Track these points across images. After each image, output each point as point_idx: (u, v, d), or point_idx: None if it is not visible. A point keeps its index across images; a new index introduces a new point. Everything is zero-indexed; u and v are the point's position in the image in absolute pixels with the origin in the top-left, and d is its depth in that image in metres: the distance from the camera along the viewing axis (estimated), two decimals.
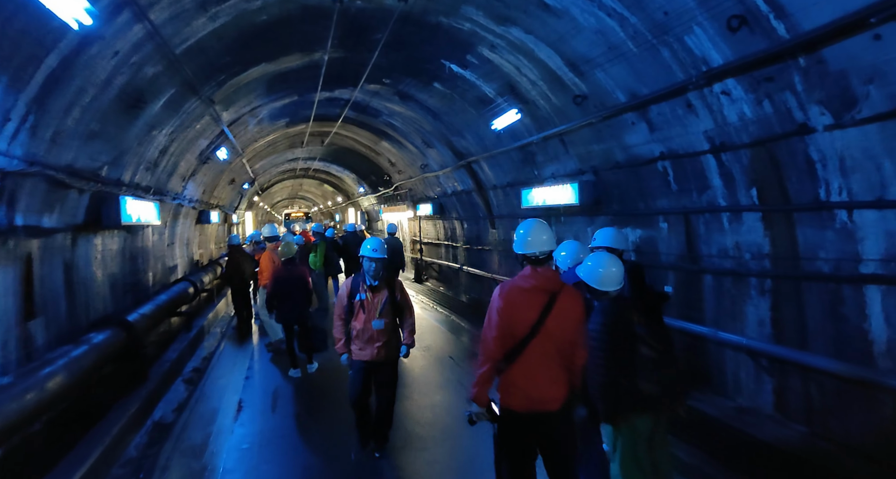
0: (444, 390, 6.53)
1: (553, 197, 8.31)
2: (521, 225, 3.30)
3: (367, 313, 4.68)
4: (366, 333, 4.68)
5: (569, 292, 3.08)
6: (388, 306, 4.73)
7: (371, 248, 4.68)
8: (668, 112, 5.52)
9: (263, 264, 8.56)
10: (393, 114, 12.49)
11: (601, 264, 3.39)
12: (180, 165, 9.70)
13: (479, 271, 12.88)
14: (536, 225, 3.24)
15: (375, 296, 4.73)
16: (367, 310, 4.68)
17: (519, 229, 3.28)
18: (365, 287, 4.72)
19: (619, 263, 3.44)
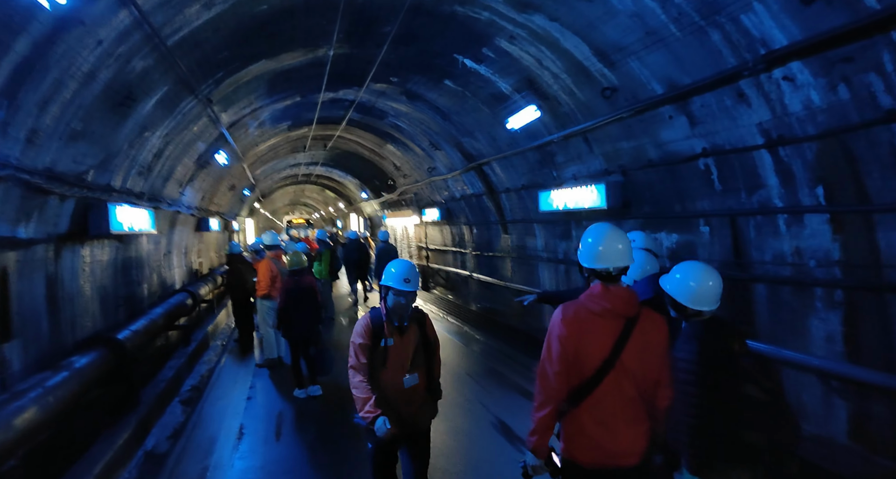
0: (466, 413, 5.94)
1: (575, 200, 7.75)
2: (589, 232, 2.72)
3: (395, 365, 3.38)
4: (395, 392, 3.40)
5: (650, 317, 2.50)
6: (421, 353, 3.49)
7: (401, 276, 3.33)
8: (713, 103, 4.97)
9: (261, 274, 8.01)
10: (399, 115, 11.96)
11: (694, 275, 2.76)
12: (177, 169, 9.16)
13: (491, 278, 12.31)
14: (610, 232, 2.67)
15: (405, 340, 3.42)
16: (396, 361, 3.39)
17: (586, 237, 2.71)
18: (391, 329, 3.40)
19: (717, 275, 2.80)
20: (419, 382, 3.46)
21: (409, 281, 3.34)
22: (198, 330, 9.79)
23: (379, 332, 3.37)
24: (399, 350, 3.39)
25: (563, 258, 9.04)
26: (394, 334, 3.39)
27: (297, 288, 6.57)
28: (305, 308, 6.57)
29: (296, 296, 6.56)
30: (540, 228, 9.79)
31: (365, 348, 3.36)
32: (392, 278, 3.35)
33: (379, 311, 3.44)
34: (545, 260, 9.74)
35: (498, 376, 6.94)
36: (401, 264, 3.43)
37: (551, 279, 9.62)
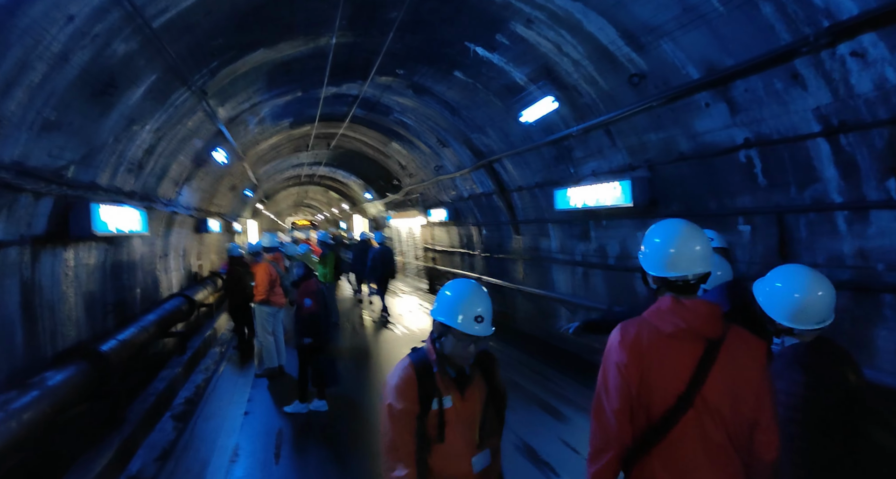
0: None
1: (595, 197, 7.22)
2: (657, 230, 2.14)
3: (457, 439, 2.16)
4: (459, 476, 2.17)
5: (741, 339, 1.92)
6: (492, 416, 2.28)
7: (472, 312, 2.14)
8: (760, 87, 4.44)
9: (259, 278, 7.51)
10: (405, 110, 11.46)
11: (799, 284, 2.17)
12: (171, 167, 8.68)
13: (500, 281, 11.78)
14: (685, 229, 2.08)
15: (469, 398, 2.22)
16: (459, 431, 2.16)
17: (652, 237, 2.13)
18: (447, 382, 2.18)
19: (827, 283, 2.20)
20: (492, 463, 2.27)
21: (483, 320, 2.16)
22: (195, 337, 9.30)
23: (429, 388, 2.12)
24: (462, 415, 2.17)
25: (581, 260, 8.51)
26: (451, 391, 2.17)
27: (317, 292, 6.01)
28: (320, 315, 6.05)
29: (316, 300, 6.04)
30: (555, 228, 9.27)
31: (409, 416, 2.07)
32: (454, 313, 2.13)
33: (424, 354, 2.21)
34: (561, 262, 9.21)
35: (515, 387, 6.42)
36: (468, 290, 2.21)
37: (567, 283, 9.09)
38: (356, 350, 8.74)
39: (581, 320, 4.10)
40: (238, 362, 8.48)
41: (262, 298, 7.53)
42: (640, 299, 7.18)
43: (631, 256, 7.18)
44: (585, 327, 3.98)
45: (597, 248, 8.05)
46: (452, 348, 2.17)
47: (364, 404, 6.18)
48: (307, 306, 5.81)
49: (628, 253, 7.24)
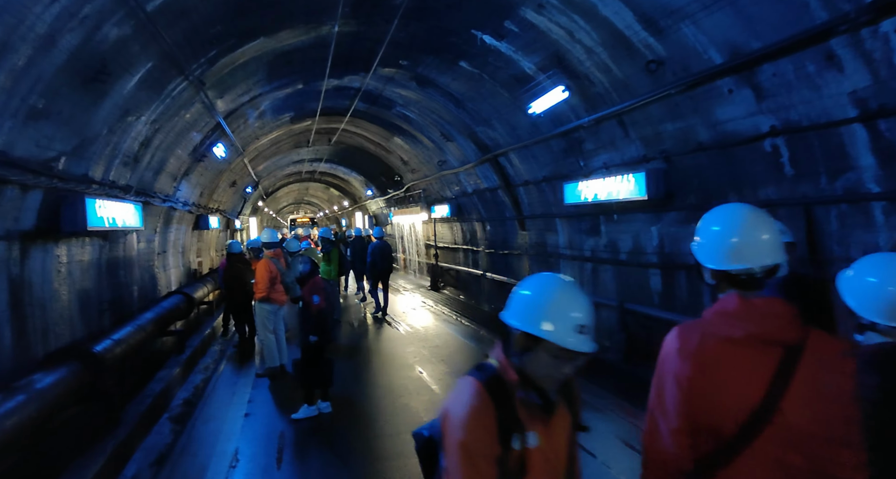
0: None
1: (608, 191, 6.98)
2: (714, 216, 1.82)
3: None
4: None
5: (823, 343, 1.61)
6: (576, 453, 1.75)
7: (574, 319, 1.59)
8: (790, 71, 4.19)
9: (259, 275, 7.26)
10: (409, 103, 11.20)
11: (893, 275, 1.88)
12: (169, 161, 8.43)
13: (505, 278, 11.55)
14: (749, 215, 1.78)
15: (554, 431, 1.64)
16: (543, 475, 1.59)
17: (709, 225, 1.81)
18: (532, 413, 1.60)
19: None
20: None
21: (586, 329, 1.61)
22: (194, 335, 9.07)
23: (509, 420, 1.55)
24: (548, 456, 1.61)
25: (591, 256, 8.27)
26: (535, 424, 1.60)
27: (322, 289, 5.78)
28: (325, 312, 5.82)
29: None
30: (563, 223, 9.02)
31: (489, 460, 1.51)
32: (548, 319, 1.58)
33: (496, 374, 1.64)
34: (569, 258, 8.97)
35: None
36: (563, 290, 1.65)
37: (575, 279, 8.84)
38: (358, 349, 8.50)
39: None
40: (238, 361, 8.25)
41: (262, 295, 7.29)
42: (653, 296, 6.96)
43: (644, 251, 6.94)
44: None
45: (607, 243, 7.81)
46: (544, 367, 1.59)
47: (367, 406, 5.96)
48: (316, 303, 5.57)
49: (641, 248, 7.00)
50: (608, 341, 7.86)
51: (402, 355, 7.94)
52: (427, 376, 6.78)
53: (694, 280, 6.05)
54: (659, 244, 6.65)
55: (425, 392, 6.15)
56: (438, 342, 8.61)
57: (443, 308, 12.05)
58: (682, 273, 6.26)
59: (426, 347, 8.33)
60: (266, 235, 7.99)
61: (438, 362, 7.43)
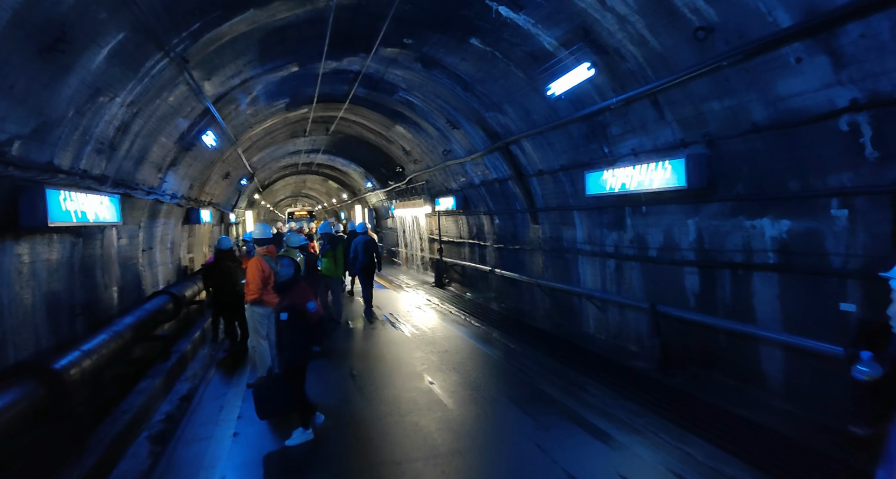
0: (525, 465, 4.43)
1: (638, 180, 6.28)
2: None
3: None
4: None
5: None
6: None
7: None
8: (884, 30, 3.48)
9: (250, 275, 6.56)
10: (412, 87, 10.46)
11: None
12: (152, 150, 7.71)
13: (516, 274, 10.87)
14: None
15: None
16: None
17: None
18: None
19: None
20: None
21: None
22: (182, 339, 8.37)
23: None
24: None
25: (614, 252, 7.58)
26: None
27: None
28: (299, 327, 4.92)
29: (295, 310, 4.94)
30: (582, 216, 8.32)
31: None
32: None
33: None
34: (588, 254, 8.28)
35: (548, 401, 5.50)
36: None
37: (595, 277, 8.17)
38: (360, 354, 7.81)
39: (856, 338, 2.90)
40: (229, 368, 7.56)
41: (253, 297, 6.57)
42: (688, 297, 6.27)
43: (678, 247, 6.25)
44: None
45: (633, 238, 7.12)
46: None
47: (371, 425, 5.27)
48: (313, 311, 4.87)
49: (675, 244, 6.31)
50: (635, 346, 7.18)
51: (408, 361, 7.25)
52: (438, 388, 6.09)
53: (741, 281, 5.37)
54: (697, 239, 5.96)
55: (437, 408, 5.46)
56: (447, 346, 7.92)
57: (449, 307, 11.37)
58: (727, 273, 5.57)
59: (435, 352, 7.64)
60: (258, 231, 7.25)
61: (450, 370, 6.74)
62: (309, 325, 4.87)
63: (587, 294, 8.24)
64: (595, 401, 5.44)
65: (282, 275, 5.05)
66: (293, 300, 4.88)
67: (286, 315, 4.82)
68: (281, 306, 4.94)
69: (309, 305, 4.83)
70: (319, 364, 7.42)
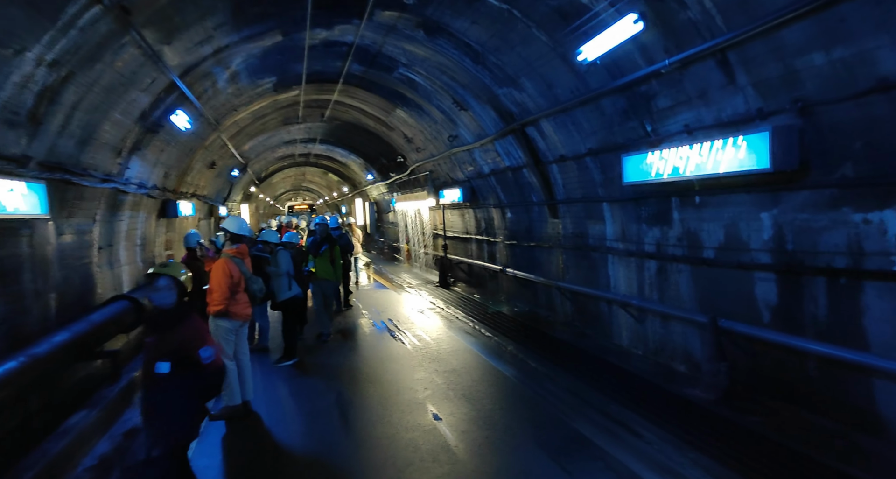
0: None
1: (696, 163, 4.99)
2: None
3: None
4: None
5: None
6: None
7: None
8: None
9: (215, 280, 5.31)
10: (414, 62, 9.15)
11: None
12: (103, 128, 6.44)
13: (531, 275, 9.60)
14: None
15: None
16: None
17: None
18: None
19: None
20: None
21: None
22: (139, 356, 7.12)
23: None
24: None
25: (656, 251, 6.30)
26: None
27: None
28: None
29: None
30: (613, 209, 7.04)
31: None
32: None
33: None
34: (621, 253, 7.00)
35: (588, 449, 4.20)
36: None
37: (629, 280, 6.89)
38: (351, 374, 6.52)
39: None
40: None
41: (218, 308, 5.31)
42: (761, 311, 4.99)
43: (746, 246, 4.97)
44: None
45: (682, 234, 5.84)
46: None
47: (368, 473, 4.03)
48: (207, 360, 3.31)
49: (741, 242, 5.02)
50: (683, 366, 5.91)
51: (408, 385, 5.99)
52: (445, 425, 4.82)
53: (845, 293, 4.08)
54: (775, 237, 4.66)
55: (444, 457, 4.19)
56: (455, 364, 6.66)
57: (455, 311, 10.11)
58: (821, 281, 4.27)
59: (440, 371, 6.38)
60: (232, 225, 5.93)
61: (459, 398, 5.48)
62: (201, 380, 3.35)
63: (620, 301, 6.95)
64: (651, 450, 4.16)
65: (157, 302, 3.48)
66: (179, 343, 3.29)
67: (168, 367, 3.21)
68: (158, 352, 3.27)
69: (203, 352, 3.32)
70: (301, 386, 6.19)
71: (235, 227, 5.85)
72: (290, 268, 7.22)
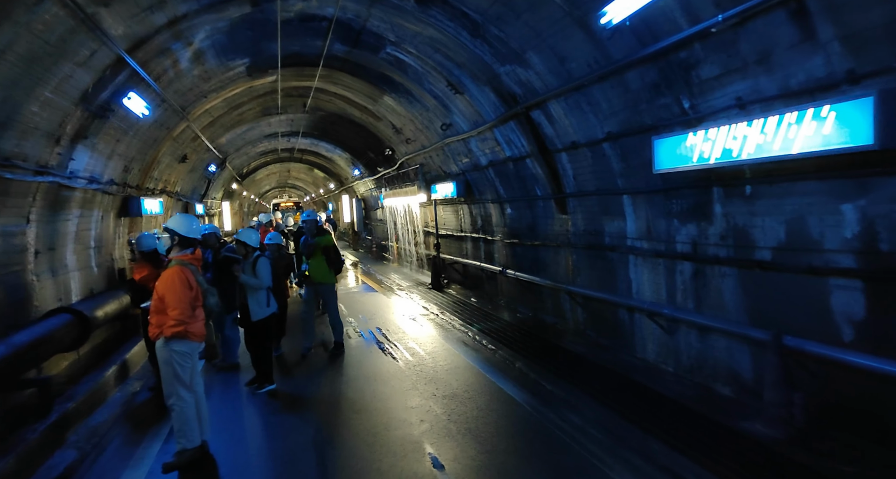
0: None
1: (756, 144, 4.03)
2: None
3: None
4: None
5: None
6: None
7: None
8: None
9: (172, 295, 4.27)
10: (404, 39, 8.11)
11: None
12: (28, 109, 5.36)
13: (535, 277, 8.63)
14: None
15: None
16: None
17: None
18: None
19: None
20: None
21: None
22: (83, 381, 6.06)
23: None
24: None
25: (691, 252, 5.34)
26: None
27: None
28: None
29: None
30: (637, 202, 6.07)
31: None
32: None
33: None
34: (647, 254, 6.04)
35: None
36: None
37: (657, 286, 5.93)
38: (331, 404, 5.43)
39: None
40: (149, 419, 5.28)
41: (178, 329, 4.23)
42: (839, 326, 4.04)
43: (819, 246, 4.01)
44: None
45: (727, 231, 4.88)
46: None
47: None
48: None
49: (811, 241, 4.07)
50: (728, 389, 4.95)
51: (401, 416, 4.98)
52: (449, 474, 3.82)
53: None
54: (862, 235, 3.71)
55: None
56: (456, 386, 5.66)
57: (451, 317, 9.12)
58: None
59: (438, 396, 5.39)
60: (180, 225, 4.74)
61: (463, 434, 4.48)
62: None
63: (647, 310, 5.99)
64: None
65: None
66: None
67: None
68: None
69: None
70: (272, 418, 5.16)
71: (185, 228, 4.73)
72: (270, 280, 6.13)
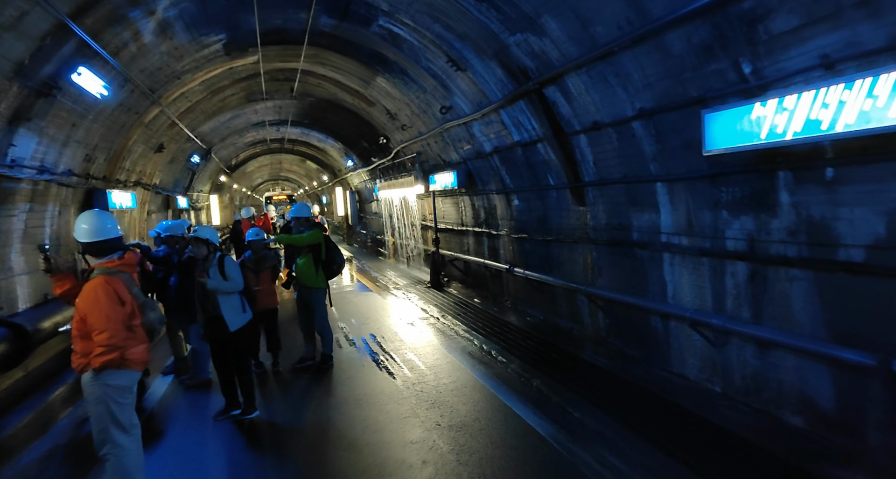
0: None
1: (858, 112, 3.10)
2: None
3: None
4: None
5: None
6: None
7: None
8: None
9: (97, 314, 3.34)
10: (398, 7, 7.11)
11: None
12: None
13: (547, 276, 7.72)
14: None
15: None
16: None
17: None
18: None
19: None
20: None
21: None
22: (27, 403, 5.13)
23: None
24: None
25: (747, 250, 4.42)
26: None
27: None
28: None
29: None
30: (673, 190, 5.14)
31: None
32: None
33: None
34: (684, 251, 5.12)
35: None
36: None
37: (699, 289, 5.02)
38: (316, 437, 4.53)
39: None
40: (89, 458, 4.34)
41: (112, 356, 3.30)
42: None
43: None
44: None
45: (796, 225, 3.96)
46: None
47: None
48: None
49: None
50: (798, 418, 4.04)
51: (398, 454, 4.06)
52: None
53: None
54: None
55: None
56: (464, 412, 4.74)
57: (453, 322, 8.20)
58: None
59: (443, 427, 4.47)
60: (92, 223, 3.62)
61: None
62: None
63: (690, 318, 5.06)
64: None
65: None
66: None
67: None
68: None
69: None
70: (240, 456, 4.23)
71: (91, 231, 3.65)
72: (242, 281, 5.16)
